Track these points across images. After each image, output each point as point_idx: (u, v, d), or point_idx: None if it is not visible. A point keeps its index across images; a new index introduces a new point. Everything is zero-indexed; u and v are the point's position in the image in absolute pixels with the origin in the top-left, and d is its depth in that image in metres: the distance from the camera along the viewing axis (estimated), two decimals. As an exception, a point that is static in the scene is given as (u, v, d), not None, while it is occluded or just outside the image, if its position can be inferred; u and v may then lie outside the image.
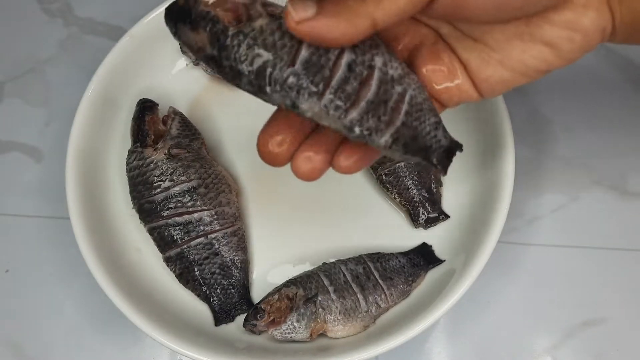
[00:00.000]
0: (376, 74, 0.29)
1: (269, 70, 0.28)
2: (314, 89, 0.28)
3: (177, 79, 0.52)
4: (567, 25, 0.30)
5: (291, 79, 0.28)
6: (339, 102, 0.28)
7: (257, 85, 0.28)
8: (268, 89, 0.28)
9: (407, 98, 0.30)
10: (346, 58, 0.29)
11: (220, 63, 0.28)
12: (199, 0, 0.28)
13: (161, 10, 0.49)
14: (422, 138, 0.32)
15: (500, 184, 0.44)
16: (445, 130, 0.33)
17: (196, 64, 0.50)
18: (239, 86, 0.29)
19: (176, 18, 0.29)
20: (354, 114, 0.29)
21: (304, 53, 0.28)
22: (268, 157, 0.32)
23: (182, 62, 0.52)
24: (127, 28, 0.49)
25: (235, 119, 0.49)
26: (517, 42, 0.31)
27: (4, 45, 0.58)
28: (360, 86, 0.29)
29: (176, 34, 0.29)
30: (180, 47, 0.50)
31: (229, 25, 0.28)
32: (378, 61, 0.30)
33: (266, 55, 0.28)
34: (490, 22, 0.31)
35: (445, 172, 0.34)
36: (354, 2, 0.26)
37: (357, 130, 0.29)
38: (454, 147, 0.34)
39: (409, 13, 0.27)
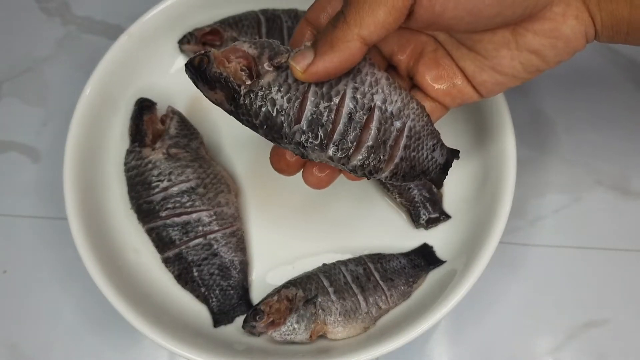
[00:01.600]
0: (376, 116, 0.33)
1: (278, 127, 0.32)
2: (317, 144, 0.32)
3: (176, 78, 0.51)
4: (549, 34, 0.31)
5: (298, 136, 0.32)
6: (340, 154, 0.32)
7: (271, 137, 0.32)
8: (280, 141, 0.32)
9: (406, 131, 0.34)
10: (346, 108, 0.32)
11: (239, 117, 0.32)
12: (212, 60, 0.31)
13: (160, 8, 0.49)
14: (419, 165, 0.35)
15: (502, 184, 0.44)
16: (442, 147, 0.36)
17: None
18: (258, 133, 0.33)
19: (195, 76, 0.32)
20: (355, 161, 0.33)
21: (308, 107, 0.32)
22: (280, 168, 0.36)
23: (181, 60, 0.51)
24: (125, 27, 0.49)
25: (234, 119, 0.48)
26: (505, 50, 0.33)
27: (1, 44, 0.57)
28: (362, 131, 0.32)
29: (197, 87, 0.32)
30: (179, 46, 0.50)
31: (241, 84, 0.31)
32: (378, 99, 0.33)
33: (275, 114, 0.31)
34: (470, 31, 0.33)
35: (439, 187, 0.38)
36: (340, 31, 0.29)
37: (359, 173, 0.33)
38: (450, 160, 0.37)
39: (392, 25, 0.29)
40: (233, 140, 0.50)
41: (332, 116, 0.32)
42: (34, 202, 0.52)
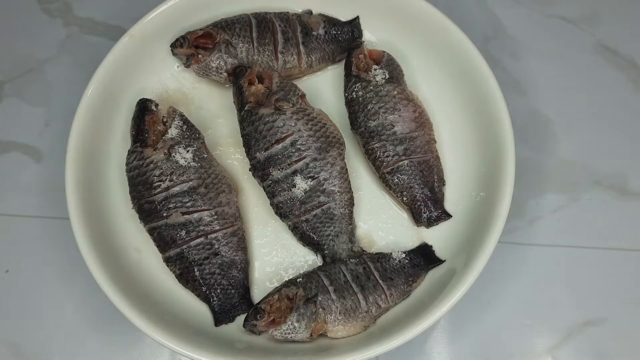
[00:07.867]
0: (311, 183, 0.44)
1: (250, 146, 0.46)
2: (265, 173, 0.45)
3: (177, 78, 0.52)
4: None
5: (257, 161, 0.45)
6: (267, 184, 0.45)
7: (245, 145, 0.46)
8: (247, 154, 0.46)
9: (324, 207, 0.45)
10: (298, 165, 0.44)
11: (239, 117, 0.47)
12: (246, 72, 0.47)
13: (161, 9, 0.49)
14: (317, 236, 0.45)
15: (501, 184, 0.44)
16: (348, 242, 0.45)
17: (187, 66, 0.50)
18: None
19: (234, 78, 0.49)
20: (276, 199, 0.45)
21: (277, 149, 0.44)
22: None
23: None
24: (126, 28, 0.49)
25: (236, 119, 0.49)
26: None
27: (4, 45, 0.57)
28: (293, 186, 0.44)
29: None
30: (172, 50, 0.50)
31: (248, 102, 0.46)
32: (322, 175, 0.44)
33: (253, 139, 0.45)
34: None
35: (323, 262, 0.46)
36: None
37: (274, 209, 0.46)
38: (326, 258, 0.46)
39: None
40: (234, 140, 0.50)
41: (288, 164, 0.44)
42: (36, 202, 0.52)
